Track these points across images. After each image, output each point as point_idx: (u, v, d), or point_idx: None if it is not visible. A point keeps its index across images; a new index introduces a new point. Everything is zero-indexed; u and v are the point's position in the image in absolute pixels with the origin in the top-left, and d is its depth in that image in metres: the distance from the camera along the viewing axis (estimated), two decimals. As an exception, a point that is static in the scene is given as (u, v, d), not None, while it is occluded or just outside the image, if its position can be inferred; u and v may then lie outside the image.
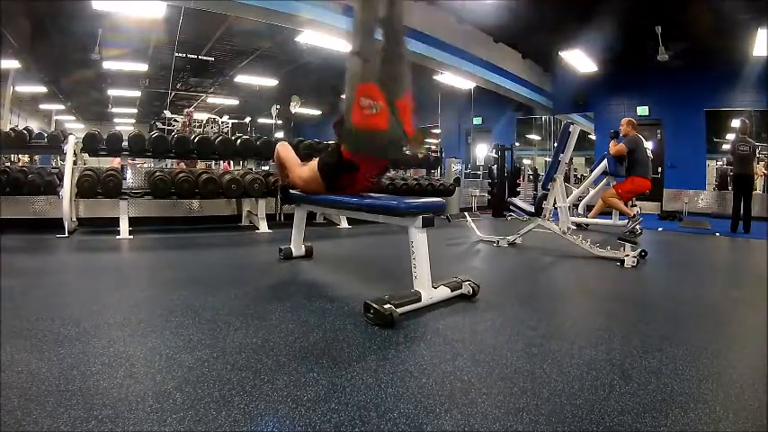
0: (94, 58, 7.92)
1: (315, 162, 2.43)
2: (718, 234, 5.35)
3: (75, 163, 4.04)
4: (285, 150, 2.70)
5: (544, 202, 3.71)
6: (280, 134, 14.24)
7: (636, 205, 5.41)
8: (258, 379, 1.24)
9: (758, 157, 6.88)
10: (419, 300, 1.90)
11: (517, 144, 10.56)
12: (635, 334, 1.71)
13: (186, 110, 10.83)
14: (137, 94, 11.89)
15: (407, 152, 2.10)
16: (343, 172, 2.24)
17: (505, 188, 7.17)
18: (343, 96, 2.07)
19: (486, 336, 1.67)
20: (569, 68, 8.85)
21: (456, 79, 8.43)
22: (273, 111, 11.13)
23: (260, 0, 5.16)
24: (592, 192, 5.81)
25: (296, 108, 11.30)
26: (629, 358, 1.46)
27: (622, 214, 4.95)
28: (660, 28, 7.02)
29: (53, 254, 3.20)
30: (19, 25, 7.09)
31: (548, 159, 10.05)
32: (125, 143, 4.39)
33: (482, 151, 10.94)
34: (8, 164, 5.56)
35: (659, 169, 8.26)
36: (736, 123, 6.43)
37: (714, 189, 8.27)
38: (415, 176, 6.36)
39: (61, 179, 3.91)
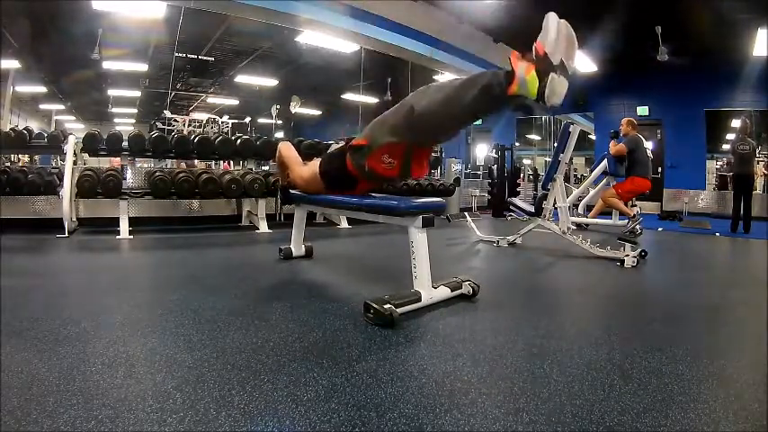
0: (94, 58, 7.91)
1: (316, 163, 2.43)
2: (718, 234, 5.35)
3: (75, 163, 4.04)
4: (288, 149, 2.69)
5: (544, 202, 3.71)
6: (280, 134, 14.22)
7: (636, 205, 5.41)
8: (258, 379, 1.24)
9: (758, 158, 6.89)
10: (419, 300, 1.90)
11: (517, 144, 10.55)
12: (635, 334, 1.71)
13: (186, 118, 10.81)
14: (137, 94, 11.87)
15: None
16: (343, 179, 2.25)
17: (505, 188, 7.17)
18: (368, 130, 2.01)
19: (486, 336, 1.67)
20: (569, 68, 8.83)
21: (456, 79, 8.42)
22: (273, 111, 11.13)
23: (260, 0, 5.16)
24: (592, 192, 5.81)
25: (296, 108, 11.30)
26: (629, 358, 1.46)
27: (622, 214, 4.95)
28: (660, 28, 7.02)
29: (53, 254, 3.20)
30: (19, 25, 7.09)
31: (548, 159, 10.05)
32: (125, 143, 4.39)
33: (482, 151, 10.95)
34: (8, 164, 5.56)
35: (659, 169, 8.26)
36: (736, 123, 6.44)
37: (714, 189, 8.27)
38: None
39: (61, 179, 3.91)
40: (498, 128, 11.02)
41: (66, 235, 3.69)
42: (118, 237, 3.76)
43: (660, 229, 5.78)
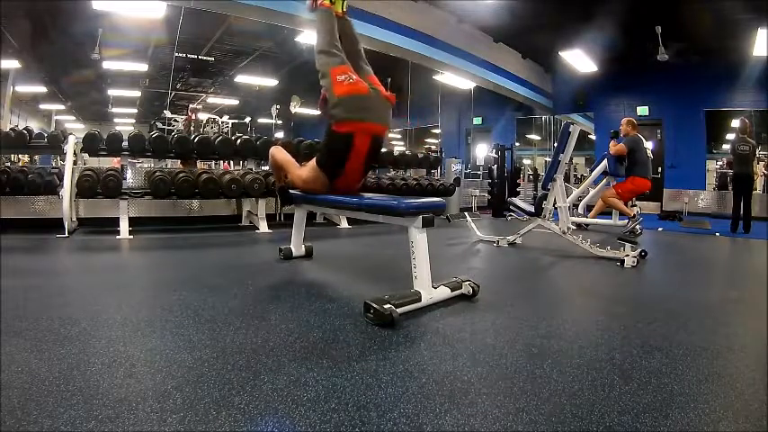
0: (94, 58, 7.91)
1: (313, 160, 2.43)
2: (718, 234, 5.35)
3: (75, 163, 4.04)
4: (280, 153, 2.69)
5: (544, 202, 3.71)
6: (280, 134, 14.23)
7: (636, 205, 5.42)
8: (258, 379, 1.24)
9: (758, 157, 6.88)
10: (419, 300, 1.90)
11: (517, 144, 10.56)
12: (635, 334, 1.71)
13: (190, 105, 10.80)
14: (137, 94, 11.88)
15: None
16: (340, 153, 2.26)
17: (505, 188, 7.17)
18: (322, 84, 2.29)
19: (486, 336, 1.67)
20: (569, 68, 8.85)
21: (456, 79, 8.43)
22: (273, 111, 11.12)
23: (260, 0, 5.16)
24: (592, 192, 5.82)
25: (296, 108, 11.28)
26: (629, 358, 1.46)
27: (622, 214, 4.95)
28: (660, 28, 7.02)
29: (53, 254, 3.20)
30: (19, 25, 7.09)
31: (548, 159, 10.05)
32: (125, 143, 4.39)
33: (482, 151, 10.94)
34: (8, 164, 5.56)
35: (659, 169, 8.27)
36: (736, 123, 6.43)
37: (714, 189, 8.27)
38: (415, 176, 6.36)
39: (61, 179, 3.91)
40: (498, 128, 11.03)
41: (66, 235, 3.69)
42: (118, 237, 3.76)
43: (660, 229, 5.78)
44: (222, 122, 10.63)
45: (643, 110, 8.94)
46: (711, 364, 1.45)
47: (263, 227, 4.49)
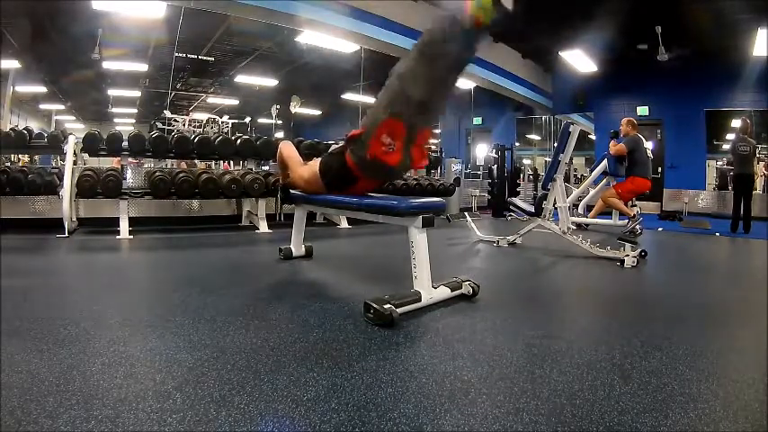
0: (94, 58, 7.91)
1: (316, 162, 2.43)
2: (718, 234, 5.35)
3: (75, 163, 4.04)
4: (288, 149, 2.69)
5: (544, 202, 3.71)
6: (280, 134, 14.23)
7: (636, 205, 5.41)
8: (258, 379, 1.24)
9: (758, 157, 6.88)
10: (419, 300, 1.90)
11: (517, 144, 10.55)
12: (635, 334, 1.71)
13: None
14: (137, 94, 11.88)
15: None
16: (342, 178, 2.26)
17: (505, 188, 7.17)
18: (365, 122, 2.07)
19: (486, 336, 1.67)
20: (569, 68, 8.85)
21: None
22: (273, 111, 11.13)
23: (260, 0, 5.16)
24: (592, 192, 5.81)
25: (296, 108, 11.29)
26: (629, 358, 1.46)
27: (622, 214, 4.95)
28: (660, 28, 7.02)
29: (53, 254, 3.20)
30: (19, 25, 7.09)
31: (548, 159, 10.04)
32: (125, 143, 4.39)
33: (482, 151, 10.94)
34: (8, 164, 5.56)
35: (659, 169, 8.26)
36: (736, 123, 6.43)
37: (714, 189, 8.27)
38: (415, 176, 6.35)
39: (61, 179, 3.91)
40: (498, 128, 11.03)
41: (66, 235, 3.69)
42: (118, 237, 3.76)
43: (660, 229, 5.78)
44: (222, 122, 10.64)
45: (643, 110, 8.93)
46: (711, 364, 1.45)
47: (263, 227, 4.49)
